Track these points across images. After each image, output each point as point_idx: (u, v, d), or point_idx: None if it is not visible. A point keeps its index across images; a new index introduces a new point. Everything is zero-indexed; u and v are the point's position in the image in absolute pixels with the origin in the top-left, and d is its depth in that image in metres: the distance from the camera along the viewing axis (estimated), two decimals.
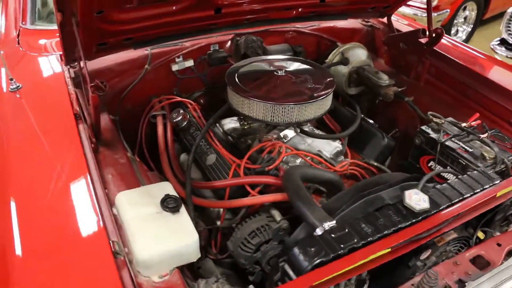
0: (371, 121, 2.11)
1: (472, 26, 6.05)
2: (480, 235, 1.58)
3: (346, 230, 1.20)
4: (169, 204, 1.28)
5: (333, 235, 1.19)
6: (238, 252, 1.54)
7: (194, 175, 1.84)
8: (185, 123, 1.94)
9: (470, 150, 1.73)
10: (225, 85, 2.21)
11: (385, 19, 2.52)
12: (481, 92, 2.03)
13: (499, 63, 2.25)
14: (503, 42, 4.02)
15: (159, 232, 1.21)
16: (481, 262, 1.31)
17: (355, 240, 1.17)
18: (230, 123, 2.09)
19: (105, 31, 1.55)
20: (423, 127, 1.90)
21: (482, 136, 1.76)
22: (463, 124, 1.85)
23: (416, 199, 1.29)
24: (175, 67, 2.08)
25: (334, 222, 1.23)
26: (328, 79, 1.85)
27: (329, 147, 1.95)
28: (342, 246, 1.15)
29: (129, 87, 1.96)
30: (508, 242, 1.39)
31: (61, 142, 1.44)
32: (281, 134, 1.80)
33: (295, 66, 1.95)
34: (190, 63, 2.11)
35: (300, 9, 2.00)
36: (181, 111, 1.94)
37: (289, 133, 1.82)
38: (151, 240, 1.18)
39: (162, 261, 1.16)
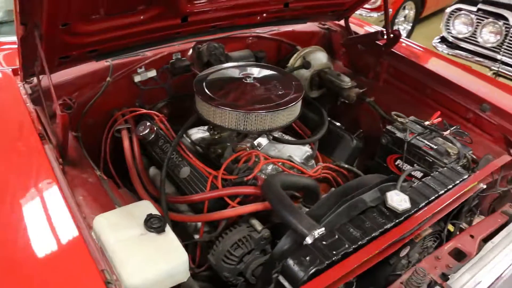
0: (337, 123, 2.16)
1: (411, 24, 6.37)
2: (450, 227, 1.66)
3: (336, 236, 1.21)
4: (153, 224, 1.23)
5: (324, 242, 1.20)
6: (220, 265, 1.52)
7: (167, 190, 1.78)
8: (153, 136, 1.87)
9: (435, 147, 1.82)
10: (189, 94, 2.17)
11: (341, 22, 2.59)
12: (439, 90, 2.13)
13: (451, 62, 2.38)
14: (443, 40, 4.27)
15: (147, 255, 1.16)
16: (459, 254, 1.38)
17: (346, 246, 1.19)
18: (198, 133, 2.05)
19: (69, 43, 1.47)
20: (389, 127, 1.96)
21: (444, 133, 1.85)
22: (426, 122, 1.93)
23: (398, 200, 1.33)
24: (137, 78, 2.00)
25: (323, 229, 1.23)
26: (296, 85, 1.87)
27: (299, 152, 1.97)
28: (334, 252, 1.16)
29: (90, 101, 1.87)
30: (479, 233, 1.47)
31: (29, 166, 1.34)
32: (255, 142, 1.79)
33: (261, 72, 1.95)
34: (152, 73, 2.04)
35: (264, 15, 2.01)
36: (148, 123, 1.88)
37: (263, 141, 1.81)
38: (140, 265, 1.13)
39: (153, 285, 1.12)
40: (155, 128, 1.88)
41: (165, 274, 1.14)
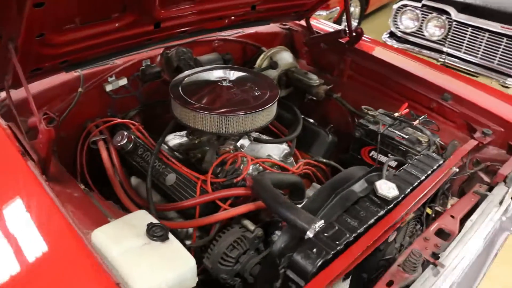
0: (311, 120, 2.22)
1: (357, 20, 6.62)
2: (429, 211, 1.77)
3: (336, 227, 1.26)
4: (156, 233, 1.22)
5: (326, 234, 1.24)
6: (217, 268, 1.52)
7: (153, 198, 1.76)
8: (131, 145, 1.84)
9: (406, 136, 1.92)
10: (160, 100, 2.15)
11: (301, 22, 2.66)
12: (402, 83, 2.25)
13: (409, 55, 2.52)
14: (392, 35, 4.48)
15: (154, 264, 1.15)
16: (443, 234, 1.47)
17: (347, 235, 1.24)
18: (174, 139, 2.04)
19: (43, 55, 1.42)
20: (361, 121, 2.05)
21: (414, 123, 1.96)
22: (396, 114, 2.03)
23: (386, 188, 1.40)
24: (108, 87, 1.96)
25: (322, 221, 1.28)
26: (271, 85, 1.90)
27: (277, 150, 2.01)
28: (337, 243, 1.21)
29: (62, 114, 1.80)
30: (458, 213, 1.57)
31: (17, 185, 1.28)
32: (238, 144, 1.81)
33: (235, 74, 1.97)
34: (123, 81, 2.00)
35: (232, 17, 2.03)
36: (125, 133, 1.84)
37: (245, 142, 1.83)
38: (149, 275, 1.11)
39: None
40: (132, 137, 1.85)
41: (175, 282, 1.13)
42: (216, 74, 1.95)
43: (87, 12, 1.38)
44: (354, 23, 6.69)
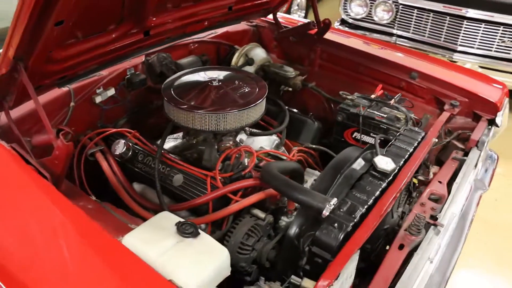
0: (294, 110, 2.34)
1: (304, 11, 6.82)
2: (415, 180, 1.95)
3: (349, 203, 1.39)
4: (187, 230, 1.29)
5: (341, 209, 1.36)
6: (236, 257, 1.60)
7: (156, 200, 1.81)
8: (130, 152, 1.88)
9: (385, 115, 2.09)
10: (146, 106, 2.20)
11: (267, 18, 2.78)
12: (371, 66, 2.42)
13: (372, 40, 2.71)
14: (343, 22, 4.70)
15: (193, 259, 1.22)
16: (436, 198, 1.64)
17: (360, 208, 1.37)
18: (168, 142, 2.09)
19: (46, 72, 1.43)
20: (342, 105, 2.19)
21: (391, 102, 2.13)
22: (372, 96, 2.20)
23: (384, 162, 1.55)
24: (98, 99, 1.97)
25: (335, 199, 1.40)
26: (257, 80, 2.00)
27: (268, 142, 2.12)
28: (353, 216, 1.34)
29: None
30: (444, 178, 1.76)
31: (43, 204, 1.30)
32: (237, 139, 1.89)
33: (221, 74, 2.04)
34: (111, 91, 2.02)
35: (211, 19, 2.10)
36: (122, 141, 1.87)
37: (243, 136, 1.92)
38: (191, 270, 1.18)
39: (207, 285, 1.18)
40: (130, 145, 1.89)
41: (215, 272, 1.22)
42: (204, 75, 2.01)
43: (89, 25, 1.41)
44: (302, 14, 6.90)
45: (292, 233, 1.50)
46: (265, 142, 2.10)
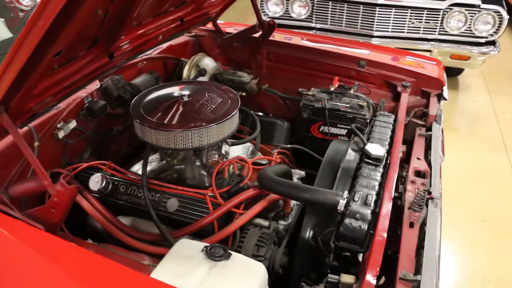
0: (260, 113, 2.35)
1: None
2: None
3: (360, 192, 1.44)
4: (217, 253, 1.25)
5: (355, 200, 1.41)
6: None
7: (150, 229, 1.72)
8: (110, 186, 1.76)
9: (349, 105, 2.19)
10: (106, 133, 2.08)
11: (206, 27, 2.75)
12: (320, 60, 2.51)
13: (315, 36, 2.81)
14: None
15: (236, 281, 1.19)
16: (421, 174, 1.76)
17: (372, 195, 1.42)
18: (138, 168, 1.99)
19: (24, 111, 1.28)
20: (305, 102, 2.25)
21: (351, 92, 2.23)
22: (331, 88, 2.29)
23: (375, 149, 1.62)
24: (61, 134, 1.81)
25: (346, 192, 1.44)
26: (226, 90, 1.97)
27: (243, 149, 2.11)
28: (369, 204, 1.39)
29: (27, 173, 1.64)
30: (420, 155, 1.88)
31: (54, 258, 1.16)
32: (223, 151, 1.85)
33: (186, 89, 1.98)
34: (73, 124, 1.87)
35: (165, 33, 2.03)
36: (100, 175, 1.74)
37: (226, 148, 1.88)
38: None
39: None
40: (108, 177, 1.76)
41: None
42: (169, 92, 1.94)
43: (67, 52, 1.28)
44: None
45: (306, 235, 1.51)
46: (241, 150, 2.08)
